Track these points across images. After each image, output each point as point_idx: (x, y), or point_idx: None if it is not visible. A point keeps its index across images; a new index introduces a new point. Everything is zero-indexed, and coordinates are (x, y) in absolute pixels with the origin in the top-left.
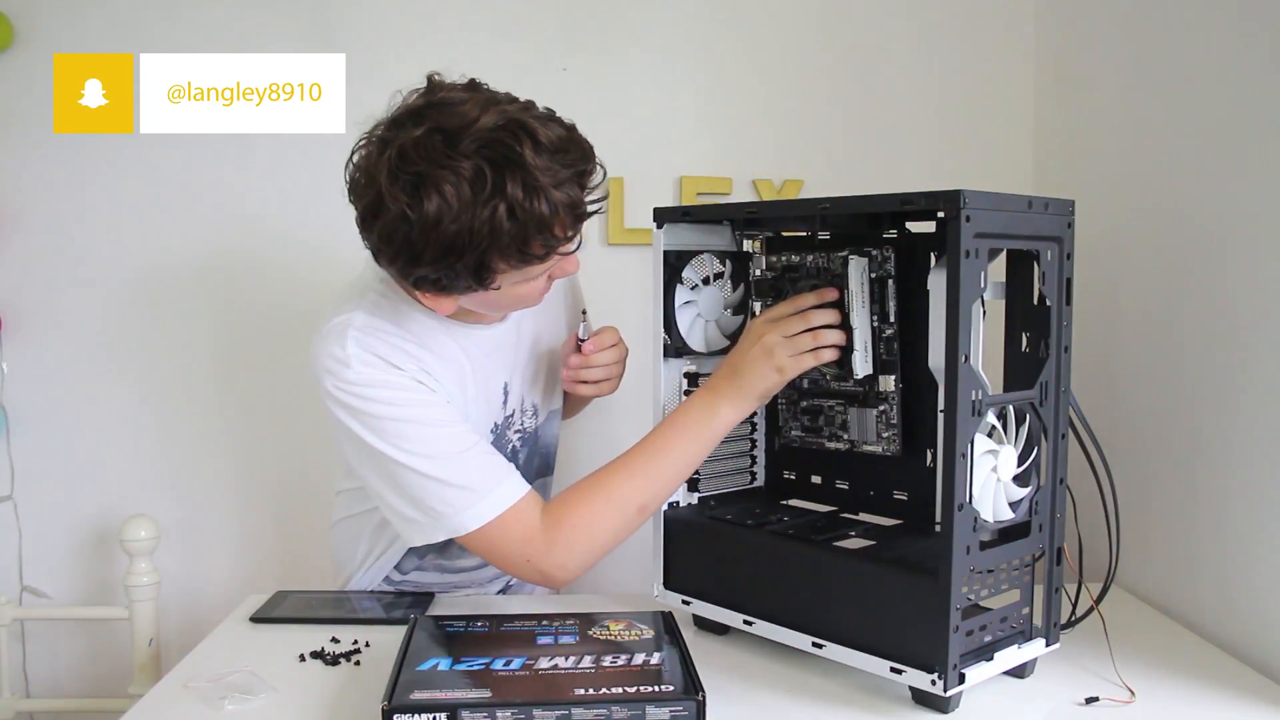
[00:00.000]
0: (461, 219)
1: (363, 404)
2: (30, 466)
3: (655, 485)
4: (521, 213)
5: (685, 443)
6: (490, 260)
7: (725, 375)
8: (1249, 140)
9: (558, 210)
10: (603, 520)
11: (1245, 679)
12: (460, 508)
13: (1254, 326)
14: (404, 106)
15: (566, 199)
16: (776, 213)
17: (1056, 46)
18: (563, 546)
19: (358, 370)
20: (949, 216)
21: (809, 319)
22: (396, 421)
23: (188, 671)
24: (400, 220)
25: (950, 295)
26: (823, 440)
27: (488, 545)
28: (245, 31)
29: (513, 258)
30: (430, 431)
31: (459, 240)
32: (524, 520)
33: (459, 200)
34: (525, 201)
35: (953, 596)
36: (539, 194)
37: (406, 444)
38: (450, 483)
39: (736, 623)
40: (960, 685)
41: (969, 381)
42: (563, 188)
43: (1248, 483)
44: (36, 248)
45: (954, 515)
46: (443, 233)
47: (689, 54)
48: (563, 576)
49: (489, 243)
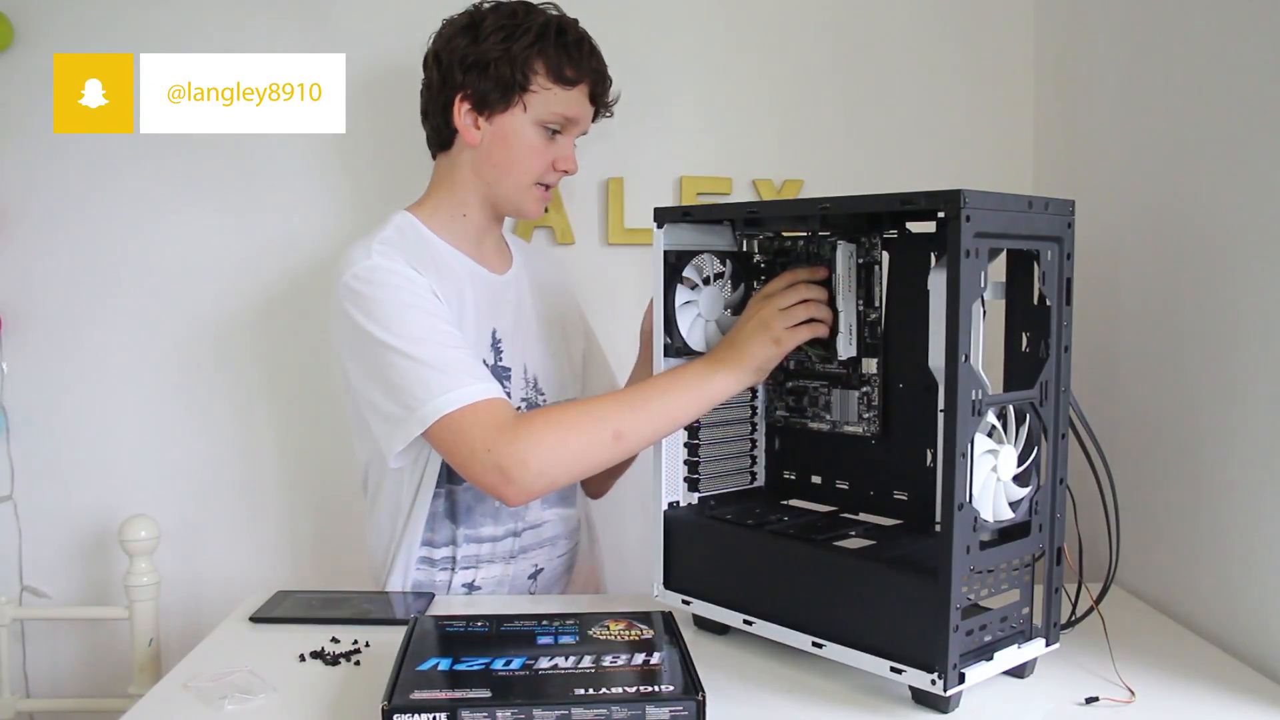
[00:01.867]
0: (522, 18)
1: (368, 288)
2: (30, 466)
3: (636, 417)
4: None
5: (676, 394)
6: (533, 57)
7: (726, 347)
8: (1249, 140)
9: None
10: (575, 428)
11: (1245, 679)
12: (436, 392)
13: (1254, 326)
14: None
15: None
16: (776, 212)
17: (1056, 46)
18: (528, 440)
19: (375, 260)
20: (949, 216)
21: (802, 291)
22: (396, 305)
23: (188, 671)
24: (471, 22)
25: (950, 294)
26: (806, 420)
27: (453, 435)
28: (245, 31)
29: (549, 65)
30: (425, 319)
31: (518, 26)
32: (495, 413)
33: (524, 11)
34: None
35: (953, 596)
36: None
37: (398, 326)
38: (431, 365)
39: (736, 622)
40: (960, 685)
41: (969, 381)
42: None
43: (1248, 482)
44: (36, 248)
45: (954, 514)
46: (509, 20)
47: (689, 54)
48: (521, 476)
49: (538, 37)
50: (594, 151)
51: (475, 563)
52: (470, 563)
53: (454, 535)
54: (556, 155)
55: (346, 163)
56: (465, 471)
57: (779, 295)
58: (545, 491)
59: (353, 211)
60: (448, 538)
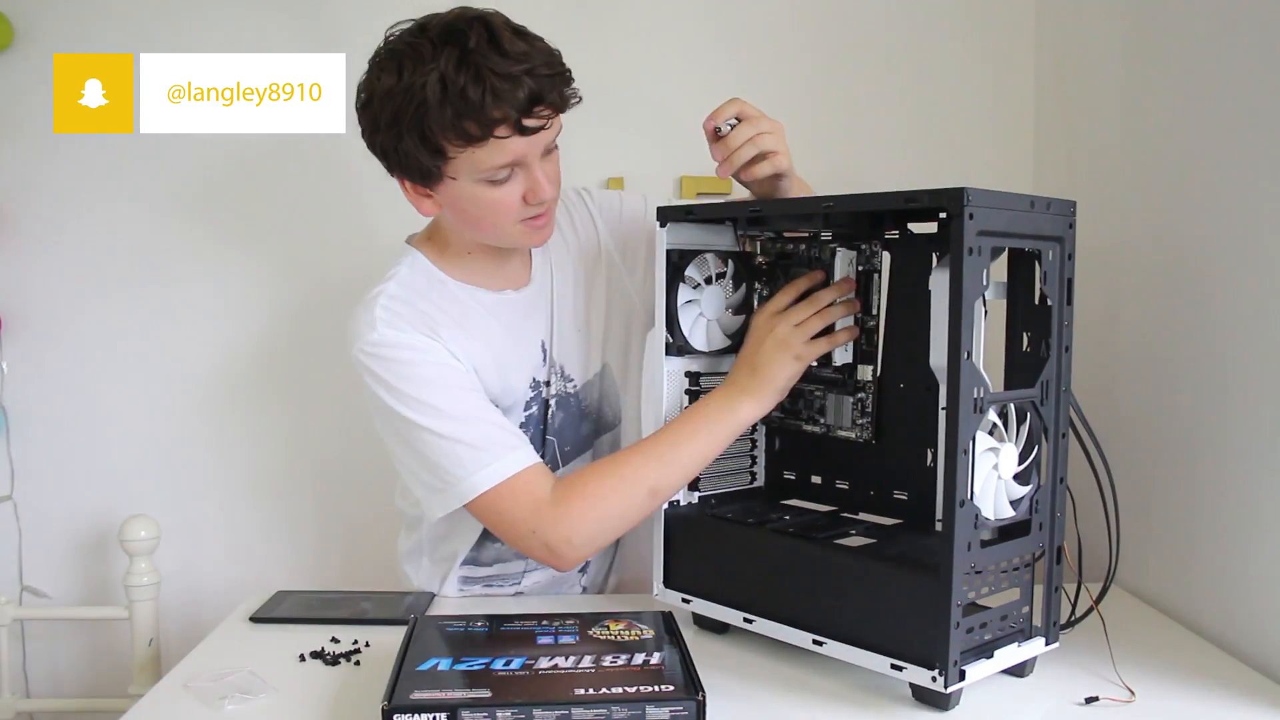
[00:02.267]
0: (405, 89)
1: (382, 366)
2: (30, 466)
3: (669, 471)
4: (450, 85)
5: (704, 434)
6: (430, 131)
7: (745, 373)
8: (1249, 140)
9: (489, 95)
10: (612, 496)
11: (1245, 679)
12: (472, 469)
13: (1253, 326)
14: None
15: (503, 88)
16: (779, 211)
17: (1056, 46)
18: (569, 520)
19: (381, 332)
20: (952, 214)
21: (815, 301)
22: (413, 383)
23: (188, 671)
24: (369, 95)
25: (953, 292)
26: (800, 422)
27: (496, 514)
28: (245, 31)
29: (450, 133)
30: (445, 393)
31: (402, 105)
32: (533, 488)
33: (409, 72)
34: (455, 75)
35: (954, 593)
36: (470, 71)
37: (417, 405)
38: (462, 441)
39: (737, 621)
40: (961, 682)
41: (971, 378)
42: (502, 79)
43: (1247, 483)
44: (36, 248)
45: (955, 512)
46: (392, 102)
47: (689, 54)
48: (568, 552)
49: (423, 110)
50: (594, 151)
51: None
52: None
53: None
54: (525, 189)
55: (347, 162)
56: (513, 545)
57: (793, 311)
58: (593, 554)
59: (353, 211)
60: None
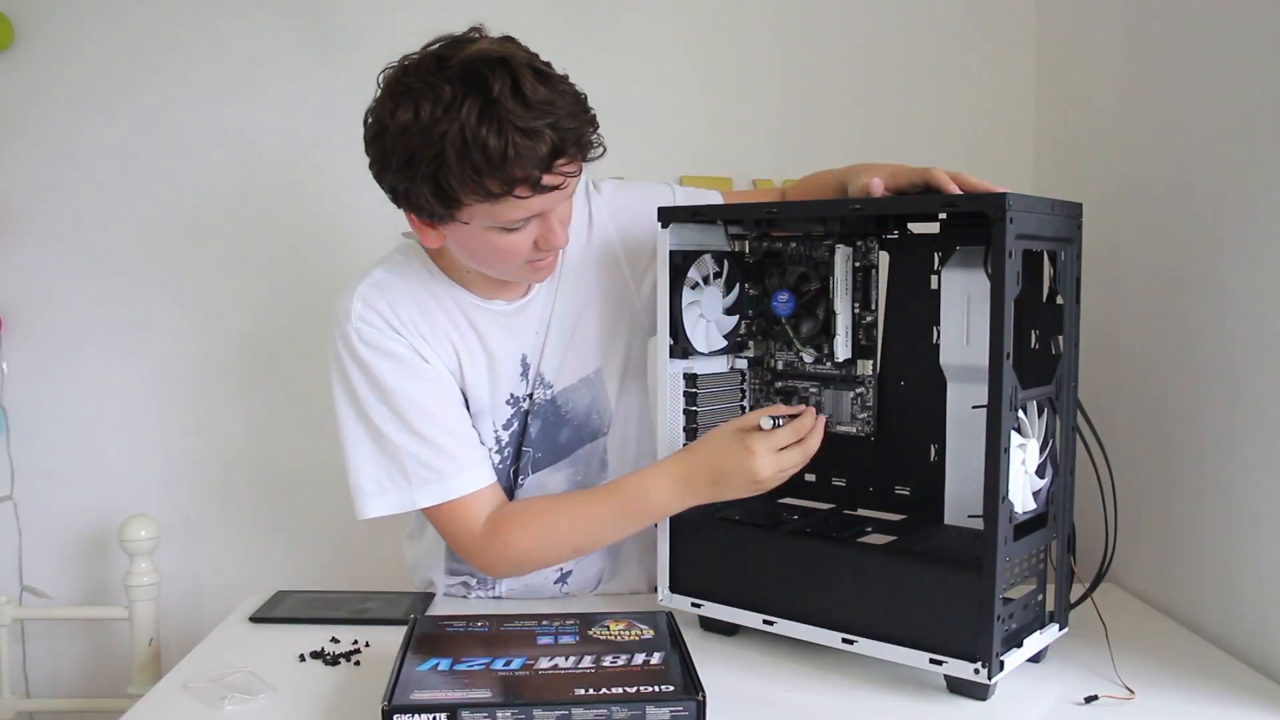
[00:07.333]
0: (423, 132)
1: (351, 356)
2: (30, 466)
3: (594, 538)
4: (472, 138)
5: (639, 518)
6: (447, 182)
7: (705, 478)
8: (1249, 140)
9: (511, 150)
10: (534, 552)
11: (1245, 679)
12: (419, 483)
13: (1254, 325)
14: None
15: (525, 144)
16: (798, 213)
17: (1056, 46)
18: (492, 557)
19: (355, 325)
20: (994, 219)
21: (807, 449)
22: (379, 381)
23: (187, 671)
24: (381, 128)
25: (994, 295)
26: None
27: (435, 524)
28: (245, 32)
29: (469, 186)
30: (408, 400)
31: (418, 152)
32: (469, 517)
33: (427, 115)
34: (477, 128)
35: (997, 587)
36: (493, 125)
37: (382, 407)
38: (414, 455)
39: (755, 623)
40: (1001, 672)
41: (1010, 379)
42: (525, 134)
43: (1248, 482)
44: (36, 248)
45: (998, 507)
46: (407, 143)
47: (689, 53)
48: (493, 575)
49: (440, 160)
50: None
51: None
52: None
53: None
54: (537, 235)
55: (348, 162)
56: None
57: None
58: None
59: (354, 212)
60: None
